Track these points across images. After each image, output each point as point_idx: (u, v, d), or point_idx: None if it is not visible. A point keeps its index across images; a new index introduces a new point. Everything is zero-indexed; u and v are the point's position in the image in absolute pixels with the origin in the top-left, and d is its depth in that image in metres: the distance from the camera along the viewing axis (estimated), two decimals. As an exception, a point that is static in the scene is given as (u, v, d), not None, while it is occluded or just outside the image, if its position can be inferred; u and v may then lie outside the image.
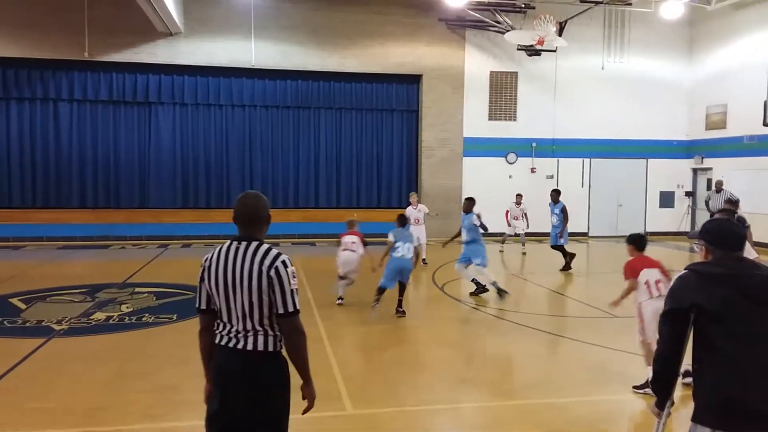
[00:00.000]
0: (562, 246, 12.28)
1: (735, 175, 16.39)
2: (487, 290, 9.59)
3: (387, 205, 18.46)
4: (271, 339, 2.83)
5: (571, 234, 17.34)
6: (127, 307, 8.56)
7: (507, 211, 15.02)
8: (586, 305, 9.34)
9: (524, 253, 14.71)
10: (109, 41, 16.10)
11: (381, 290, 8.09)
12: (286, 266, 2.81)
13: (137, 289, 9.82)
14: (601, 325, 8.03)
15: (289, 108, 17.93)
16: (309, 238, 16.96)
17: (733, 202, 10.90)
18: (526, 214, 15.01)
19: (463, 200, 10.20)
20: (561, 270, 12.19)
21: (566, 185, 18.06)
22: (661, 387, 2.67)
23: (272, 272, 2.78)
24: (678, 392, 2.62)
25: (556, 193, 12.48)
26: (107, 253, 14.81)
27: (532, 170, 18.38)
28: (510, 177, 18.10)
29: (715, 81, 17.96)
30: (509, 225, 15.25)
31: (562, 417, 5.06)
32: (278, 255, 2.84)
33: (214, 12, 16.58)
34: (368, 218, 17.96)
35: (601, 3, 16.71)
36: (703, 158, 18.50)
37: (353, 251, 8.65)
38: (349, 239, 8.77)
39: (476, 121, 18.19)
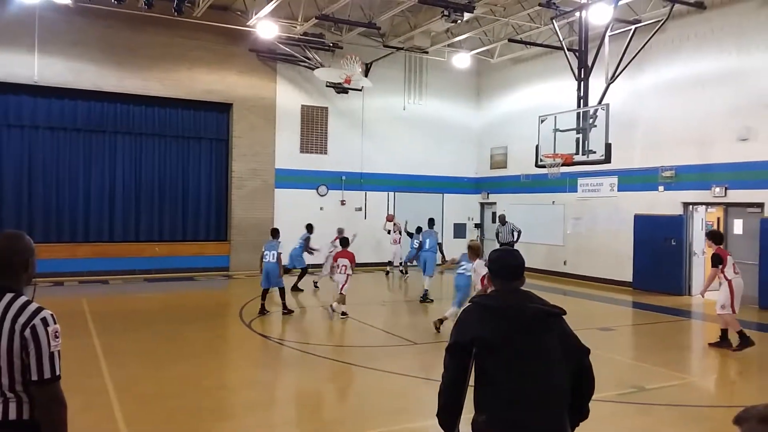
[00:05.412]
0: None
1: (514, 209, 18.69)
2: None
3: (194, 238, 17.51)
4: (25, 406, 2.42)
5: (377, 264, 18.30)
6: None
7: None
8: (390, 334, 9.77)
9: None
10: None
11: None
12: (46, 324, 2.43)
13: None
14: (401, 353, 8.45)
15: (80, 131, 16.16)
16: (101, 275, 15.32)
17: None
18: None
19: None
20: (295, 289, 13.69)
21: (373, 217, 19.03)
22: (447, 418, 2.74)
23: (27, 332, 2.39)
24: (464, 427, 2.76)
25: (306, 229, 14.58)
26: None
27: (342, 202, 18.94)
28: (321, 209, 18.42)
29: (498, 125, 20.41)
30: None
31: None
32: (38, 311, 2.45)
33: (-14, 18, 14.45)
34: (173, 252, 16.87)
35: (402, 49, 18.11)
36: (488, 194, 20.80)
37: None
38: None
39: (288, 153, 18.27)
